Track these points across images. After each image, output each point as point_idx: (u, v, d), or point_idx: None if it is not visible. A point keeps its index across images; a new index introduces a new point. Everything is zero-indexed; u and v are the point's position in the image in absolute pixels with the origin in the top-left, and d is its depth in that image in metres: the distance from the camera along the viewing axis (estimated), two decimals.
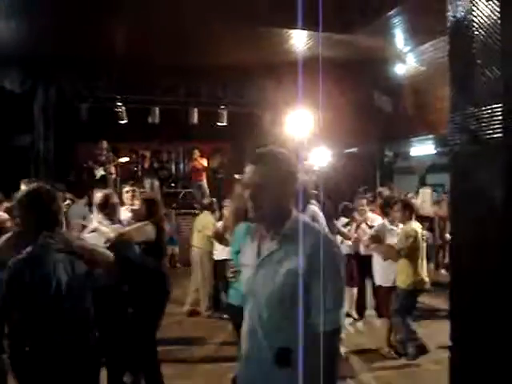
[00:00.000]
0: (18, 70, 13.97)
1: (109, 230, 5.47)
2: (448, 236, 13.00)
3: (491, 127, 2.77)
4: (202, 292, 9.62)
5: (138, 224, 5.75)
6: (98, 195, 5.87)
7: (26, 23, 11.32)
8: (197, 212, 11.58)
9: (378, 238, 7.58)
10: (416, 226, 7.22)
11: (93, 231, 5.53)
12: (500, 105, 2.71)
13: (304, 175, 4.49)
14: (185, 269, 11.63)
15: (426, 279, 7.17)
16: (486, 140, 2.78)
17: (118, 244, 4.97)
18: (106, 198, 5.78)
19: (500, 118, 2.74)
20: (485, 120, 2.81)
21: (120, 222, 6.08)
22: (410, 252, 7.00)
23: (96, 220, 5.79)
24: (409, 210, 7.24)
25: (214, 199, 10.46)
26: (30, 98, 14.26)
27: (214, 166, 17.19)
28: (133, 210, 6.99)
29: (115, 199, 5.94)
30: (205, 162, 17.09)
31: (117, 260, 3.97)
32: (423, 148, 16.84)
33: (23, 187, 6.96)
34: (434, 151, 16.55)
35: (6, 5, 10.13)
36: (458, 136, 2.99)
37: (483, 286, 3.03)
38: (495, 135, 2.75)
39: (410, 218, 7.23)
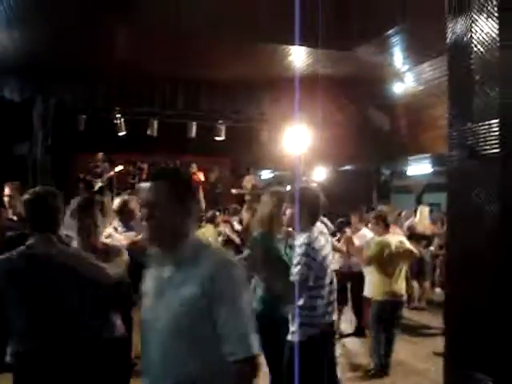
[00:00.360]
0: (17, 80, 14.00)
1: (122, 238, 5.45)
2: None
3: (488, 142, 2.79)
4: None
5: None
6: (117, 201, 5.94)
7: (26, 33, 11.34)
8: (199, 225, 11.58)
9: (359, 249, 7.69)
10: (394, 239, 7.27)
11: (106, 238, 5.42)
12: (497, 120, 2.73)
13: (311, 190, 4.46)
14: None
15: (402, 292, 7.20)
16: (483, 155, 2.80)
17: (131, 252, 4.99)
18: (124, 204, 5.84)
19: (497, 133, 2.76)
20: (482, 135, 2.83)
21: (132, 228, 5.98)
22: (381, 263, 7.05)
23: (112, 226, 5.75)
24: (383, 223, 7.30)
25: (216, 212, 10.44)
26: (29, 108, 14.27)
27: (212, 180, 17.23)
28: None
29: (133, 205, 5.91)
30: (202, 176, 17.12)
31: (131, 267, 4.00)
32: (420, 167, 16.88)
33: (7, 190, 6.97)
34: (431, 170, 16.59)
35: (6, 15, 10.17)
36: (455, 151, 3.01)
37: (478, 302, 3.03)
38: (492, 150, 2.77)
39: (386, 231, 7.27)
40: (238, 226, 9.59)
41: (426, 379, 6.75)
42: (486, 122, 2.81)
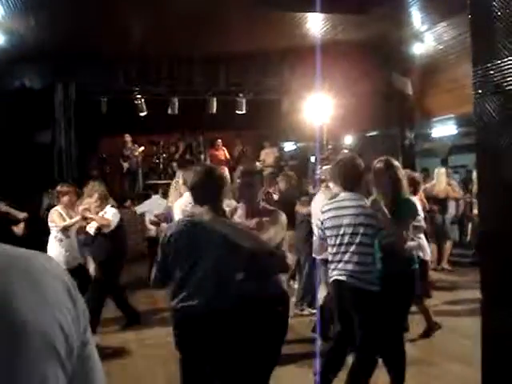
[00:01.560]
0: (36, 67, 14.09)
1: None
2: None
3: None
4: None
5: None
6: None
7: (43, 20, 11.38)
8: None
9: None
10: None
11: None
12: None
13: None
14: None
15: None
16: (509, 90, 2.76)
17: None
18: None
19: None
20: (507, 71, 2.78)
21: None
22: None
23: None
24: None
25: None
26: (50, 94, 14.35)
27: (235, 155, 17.28)
28: None
29: None
30: (226, 153, 17.16)
31: None
32: (445, 129, 16.67)
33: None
34: (456, 132, 16.38)
35: (21, 2, 10.20)
36: (480, 89, 2.97)
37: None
38: None
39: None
40: (275, 197, 9.57)
41: None
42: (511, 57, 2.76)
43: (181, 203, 6.50)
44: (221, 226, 3.80)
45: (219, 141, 17.16)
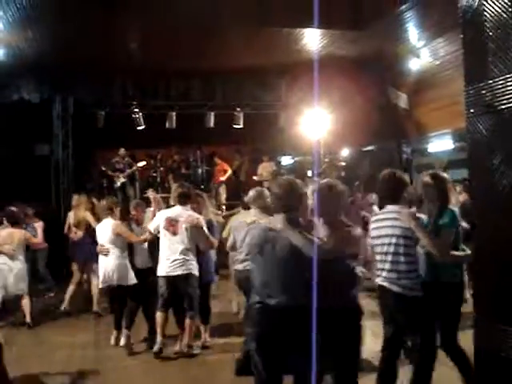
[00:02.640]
0: (34, 80, 14.14)
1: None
2: None
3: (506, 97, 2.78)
4: None
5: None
6: (251, 192, 6.77)
7: (40, 33, 11.44)
8: (234, 211, 11.58)
9: None
10: None
11: (252, 223, 6.15)
12: None
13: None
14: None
15: None
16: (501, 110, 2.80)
17: None
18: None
19: None
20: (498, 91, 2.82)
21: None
22: None
23: (253, 214, 6.66)
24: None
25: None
26: (48, 108, 14.41)
27: (234, 168, 17.32)
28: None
29: None
30: (226, 166, 17.19)
31: None
32: (441, 144, 16.74)
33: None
34: (453, 146, 16.44)
35: (19, 15, 10.25)
36: (472, 109, 3.01)
37: (505, 267, 3.01)
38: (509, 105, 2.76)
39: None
40: None
41: None
42: (502, 77, 2.80)
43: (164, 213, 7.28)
44: (292, 235, 4.13)
45: (216, 158, 17.22)
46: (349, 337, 4.26)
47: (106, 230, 7.72)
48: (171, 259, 7.04)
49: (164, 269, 7.09)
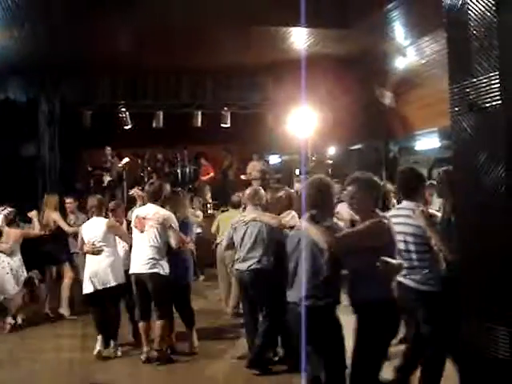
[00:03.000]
0: (20, 80, 14.06)
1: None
2: None
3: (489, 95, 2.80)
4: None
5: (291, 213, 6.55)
6: (249, 190, 7.17)
7: (26, 33, 11.37)
8: (223, 210, 11.60)
9: None
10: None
11: (253, 220, 6.69)
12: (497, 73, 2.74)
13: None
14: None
15: None
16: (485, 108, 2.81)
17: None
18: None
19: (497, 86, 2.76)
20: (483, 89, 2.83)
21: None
22: None
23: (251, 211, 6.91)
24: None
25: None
26: (35, 107, 14.31)
27: (223, 167, 17.27)
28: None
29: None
30: (211, 168, 17.13)
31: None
32: (428, 142, 16.75)
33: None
34: (439, 145, 16.47)
35: (5, 15, 10.18)
36: (457, 107, 3.02)
37: (492, 256, 3.03)
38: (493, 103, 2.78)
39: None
40: None
41: None
42: (486, 76, 2.81)
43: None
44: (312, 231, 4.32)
45: (202, 159, 17.16)
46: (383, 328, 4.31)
47: (96, 227, 7.47)
48: (138, 257, 6.95)
49: (132, 267, 7.02)
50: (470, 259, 3.16)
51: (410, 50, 13.47)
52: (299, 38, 12.58)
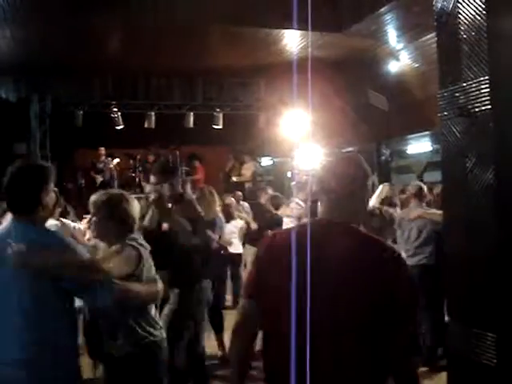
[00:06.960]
0: (12, 79, 14.02)
1: None
2: None
3: (479, 100, 2.80)
4: None
5: None
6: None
7: (19, 32, 11.33)
8: None
9: None
10: None
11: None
12: (487, 78, 2.74)
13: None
14: None
15: None
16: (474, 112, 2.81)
17: None
18: None
19: (487, 91, 2.76)
20: (472, 94, 2.83)
21: None
22: None
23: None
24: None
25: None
26: (26, 107, 14.26)
27: (227, 169, 17.23)
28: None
29: None
30: (201, 173, 17.03)
31: None
32: (420, 146, 16.82)
33: None
34: (431, 148, 16.53)
35: (0, 15, 10.14)
36: (446, 111, 3.02)
37: (479, 260, 3.03)
38: (483, 108, 2.77)
39: None
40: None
41: None
42: (476, 80, 2.81)
43: None
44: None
45: (196, 162, 17.07)
46: None
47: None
48: None
49: None
50: (458, 264, 3.16)
51: (402, 54, 13.50)
52: (292, 41, 12.59)
